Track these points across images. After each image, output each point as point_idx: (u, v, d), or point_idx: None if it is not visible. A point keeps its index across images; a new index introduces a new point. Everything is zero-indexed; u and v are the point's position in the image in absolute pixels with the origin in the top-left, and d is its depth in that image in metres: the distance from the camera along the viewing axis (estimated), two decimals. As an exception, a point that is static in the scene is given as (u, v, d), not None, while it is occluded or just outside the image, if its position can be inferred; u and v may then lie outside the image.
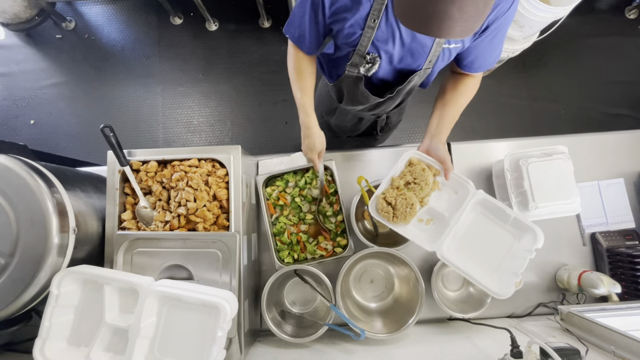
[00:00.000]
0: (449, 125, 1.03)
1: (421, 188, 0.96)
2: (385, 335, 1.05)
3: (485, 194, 0.97)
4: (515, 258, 0.94)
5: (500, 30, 0.90)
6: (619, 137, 1.31)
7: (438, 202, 1.00)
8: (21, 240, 0.83)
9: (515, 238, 0.95)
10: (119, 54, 2.62)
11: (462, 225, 0.97)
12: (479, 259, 0.96)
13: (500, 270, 0.95)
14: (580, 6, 1.82)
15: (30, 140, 2.51)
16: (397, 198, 0.96)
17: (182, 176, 1.03)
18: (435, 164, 0.99)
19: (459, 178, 0.99)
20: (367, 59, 0.92)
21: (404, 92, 1.06)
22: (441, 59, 0.95)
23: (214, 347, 0.81)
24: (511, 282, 0.91)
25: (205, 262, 0.97)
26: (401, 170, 1.00)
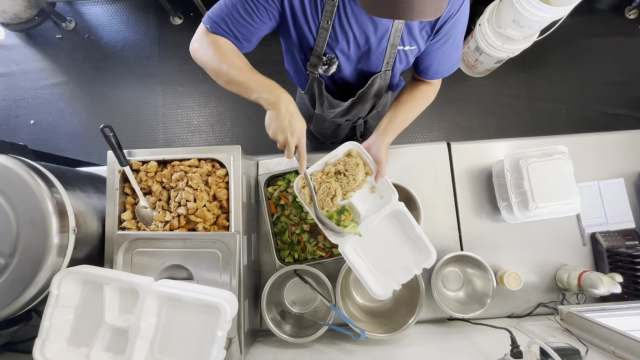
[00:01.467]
0: (398, 129, 1.03)
1: (348, 182, 0.96)
2: (385, 335, 1.05)
3: (404, 207, 0.98)
4: (405, 270, 0.97)
5: (452, 35, 0.90)
6: (619, 137, 1.31)
7: (361, 201, 1.00)
8: (21, 240, 0.83)
9: (412, 253, 0.98)
10: (119, 54, 2.62)
11: (373, 228, 0.99)
12: (375, 262, 0.99)
13: (387, 275, 0.97)
14: (580, 6, 1.82)
15: (30, 140, 2.51)
16: (322, 184, 0.96)
17: (182, 176, 1.03)
18: (372, 163, 0.99)
19: (388, 185, 0.99)
20: (324, 60, 0.93)
21: (369, 95, 1.06)
22: (399, 61, 0.96)
23: (214, 347, 0.81)
24: (391, 288, 0.96)
25: (205, 262, 0.97)
26: (338, 158, 1.00)
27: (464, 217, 1.26)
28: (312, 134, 1.45)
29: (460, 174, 1.28)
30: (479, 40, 2.14)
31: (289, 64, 1.07)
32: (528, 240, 1.24)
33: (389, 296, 0.96)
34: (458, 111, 2.46)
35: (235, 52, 0.87)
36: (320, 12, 0.84)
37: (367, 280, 0.96)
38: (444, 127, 2.44)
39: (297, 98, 1.37)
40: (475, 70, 2.43)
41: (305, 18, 0.85)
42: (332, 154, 0.99)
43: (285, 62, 1.07)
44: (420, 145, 1.31)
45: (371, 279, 0.97)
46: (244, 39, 0.88)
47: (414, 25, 0.87)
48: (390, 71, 0.99)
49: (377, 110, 1.26)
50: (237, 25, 0.85)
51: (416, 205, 1.14)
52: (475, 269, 1.18)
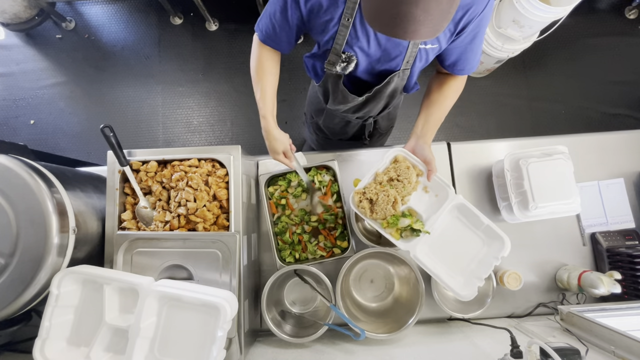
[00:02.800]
0: (435, 127, 1.04)
1: (404, 186, 0.97)
2: (385, 335, 1.05)
3: (463, 199, 0.99)
4: (482, 263, 0.97)
5: (478, 33, 0.90)
6: (619, 137, 1.31)
7: (418, 203, 1.01)
8: (21, 240, 0.83)
9: (485, 244, 0.99)
10: (119, 54, 2.62)
11: (438, 227, 0.99)
12: (449, 261, 0.99)
13: (466, 273, 0.98)
14: (580, 6, 1.82)
15: (30, 140, 2.51)
16: (379, 194, 0.96)
17: (182, 176, 1.03)
18: (420, 164, 1.00)
19: (440, 181, 1.00)
20: (343, 57, 0.93)
21: (384, 93, 1.06)
22: (419, 59, 0.96)
23: (214, 347, 0.81)
24: (475, 285, 0.95)
25: (205, 262, 0.97)
26: (386, 166, 1.01)
27: (464, 217, 1.26)
28: (321, 129, 1.45)
29: (460, 174, 1.28)
30: (479, 40, 2.14)
31: (308, 58, 1.09)
32: (528, 240, 1.24)
33: (475, 295, 0.95)
34: (458, 111, 2.45)
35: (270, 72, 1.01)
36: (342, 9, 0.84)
37: (449, 282, 0.95)
38: (444, 127, 2.44)
39: (310, 91, 1.37)
40: (476, 70, 2.43)
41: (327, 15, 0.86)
42: (379, 164, 1.00)
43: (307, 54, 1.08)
44: (420, 145, 1.31)
45: (451, 280, 0.96)
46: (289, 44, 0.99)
47: None
48: (409, 70, 0.99)
49: (388, 110, 1.26)
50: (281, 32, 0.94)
51: (416, 205, 1.14)
52: (475, 269, 1.18)
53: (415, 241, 0.97)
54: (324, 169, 1.22)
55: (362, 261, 1.20)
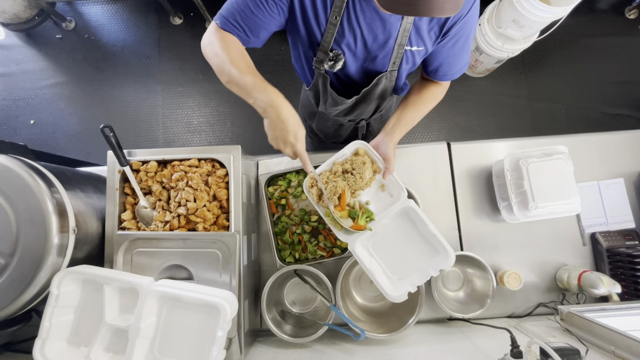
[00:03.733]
0: (405, 127, 1.03)
1: (355, 180, 0.97)
2: (385, 335, 1.05)
3: (415, 205, 0.98)
4: (421, 271, 0.96)
5: (462, 37, 0.90)
6: (619, 137, 1.31)
7: (371, 199, 1.01)
8: (21, 240, 0.83)
9: (428, 254, 0.97)
10: (119, 54, 2.62)
11: (384, 226, 0.99)
12: (389, 262, 0.99)
13: (403, 277, 0.97)
14: (580, 6, 1.82)
15: (30, 140, 2.51)
16: (329, 183, 0.96)
17: (182, 176, 1.03)
18: (380, 161, 0.99)
19: (397, 183, 0.99)
20: (330, 55, 0.93)
21: (373, 95, 1.06)
22: (405, 61, 0.96)
23: (214, 347, 0.81)
24: (406, 290, 0.95)
25: (205, 262, 0.97)
26: (346, 157, 1.00)
27: (464, 217, 1.26)
28: (314, 132, 1.45)
29: (460, 174, 1.28)
30: (479, 40, 2.14)
31: (296, 60, 1.08)
32: (528, 240, 1.24)
33: (404, 298, 0.94)
34: (458, 111, 2.46)
35: (240, 51, 0.86)
36: (330, 7, 0.84)
37: (380, 281, 0.95)
38: (444, 127, 2.44)
39: (302, 94, 1.37)
40: (475, 70, 2.43)
41: (314, 13, 0.86)
42: (340, 153, 1.00)
43: (292, 58, 1.07)
44: (420, 145, 1.31)
45: (384, 279, 0.96)
46: (253, 34, 0.87)
47: (422, 26, 0.87)
48: (396, 71, 0.99)
49: (380, 113, 1.26)
50: (246, 19, 0.85)
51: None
52: (475, 269, 1.18)
53: (355, 236, 0.97)
54: (324, 169, 1.22)
55: (362, 261, 1.20)
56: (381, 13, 0.83)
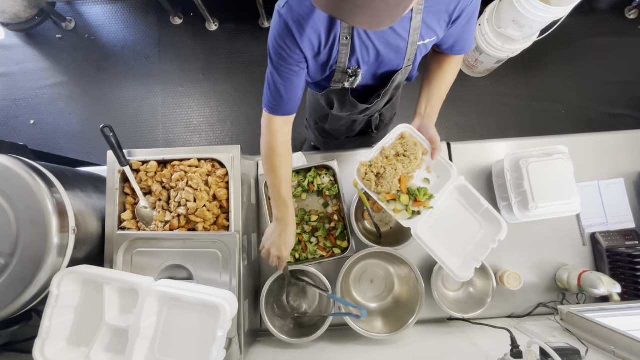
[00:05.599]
0: (438, 105, 1.04)
1: (410, 161, 0.97)
2: (385, 335, 1.05)
3: (465, 180, 0.99)
4: (479, 246, 0.98)
5: (472, 17, 0.92)
6: (619, 137, 1.31)
7: (421, 182, 1.02)
8: (21, 240, 0.83)
9: (482, 227, 0.99)
10: (119, 54, 2.62)
11: (438, 208, 0.99)
12: (447, 243, 0.99)
13: (463, 255, 0.98)
14: (580, 6, 1.82)
15: (30, 140, 2.50)
16: (387, 167, 0.96)
17: (182, 176, 1.03)
18: (425, 142, 1.00)
19: (444, 161, 1.00)
20: (349, 72, 0.93)
21: (390, 91, 1.06)
22: (419, 54, 0.96)
23: (214, 347, 0.81)
24: (471, 266, 0.96)
25: (205, 262, 0.97)
26: (392, 142, 1.00)
27: (464, 217, 1.26)
28: (326, 132, 1.45)
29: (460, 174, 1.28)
30: (479, 40, 2.14)
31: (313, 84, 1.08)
32: (528, 240, 1.24)
33: (472, 275, 0.95)
34: (458, 111, 2.45)
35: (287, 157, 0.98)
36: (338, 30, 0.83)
37: (447, 262, 0.96)
38: (444, 127, 2.44)
39: (311, 98, 1.36)
40: (475, 70, 2.43)
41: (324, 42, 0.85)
42: (386, 139, 0.99)
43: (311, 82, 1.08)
44: (420, 145, 1.31)
45: (450, 260, 0.97)
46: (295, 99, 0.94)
47: (431, 20, 0.87)
48: (411, 66, 0.99)
49: (391, 102, 1.26)
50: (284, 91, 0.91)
51: (416, 205, 1.14)
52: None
53: (416, 219, 0.97)
54: (324, 169, 1.22)
55: (362, 261, 1.20)
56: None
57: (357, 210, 1.18)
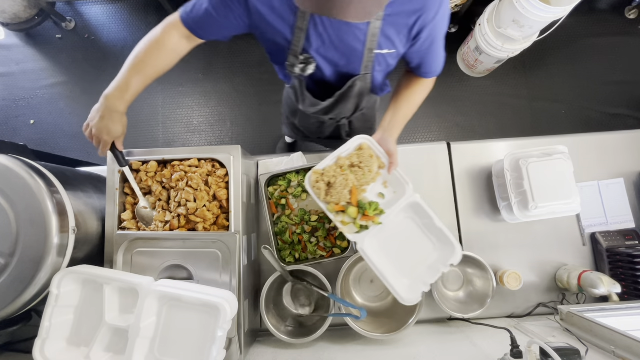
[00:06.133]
0: (402, 122, 1.04)
1: (364, 174, 0.95)
2: (385, 335, 1.05)
3: (420, 199, 0.96)
4: (431, 269, 0.94)
5: (435, 39, 0.92)
6: (619, 137, 1.31)
7: (375, 197, 0.99)
8: (21, 240, 0.83)
9: (436, 249, 0.95)
10: (119, 54, 2.62)
11: (390, 224, 0.96)
12: (397, 262, 0.96)
13: (413, 277, 0.94)
14: (580, 6, 1.82)
15: (30, 140, 2.51)
16: (338, 177, 0.93)
17: (182, 176, 1.03)
18: (383, 156, 0.98)
19: (401, 178, 0.98)
20: (300, 59, 0.93)
21: (349, 96, 1.06)
22: (377, 64, 0.97)
23: (214, 347, 0.81)
24: (420, 290, 0.92)
25: (205, 262, 0.97)
26: (350, 152, 0.98)
27: (464, 217, 1.26)
28: (298, 129, 1.47)
29: (460, 174, 1.28)
30: (479, 40, 2.14)
31: (273, 63, 1.09)
32: (528, 240, 1.24)
33: (419, 299, 0.92)
34: (458, 111, 2.45)
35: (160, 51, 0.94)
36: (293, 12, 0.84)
37: (393, 283, 0.92)
38: (444, 127, 2.44)
39: (284, 92, 1.38)
40: (475, 70, 2.43)
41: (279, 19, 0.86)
42: (343, 148, 0.98)
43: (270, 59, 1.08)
44: (420, 145, 1.32)
45: (396, 282, 0.93)
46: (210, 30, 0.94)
47: (389, 31, 0.87)
48: (369, 75, 0.99)
49: (361, 112, 1.27)
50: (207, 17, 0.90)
51: (416, 205, 1.14)
52: (475, 269, 1.18)
53: (364, 234, 0.94)
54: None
55: (362, 261, 1.19)
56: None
57: (357, 210, 1.18)
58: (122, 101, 0.92)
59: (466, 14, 2.37)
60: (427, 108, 2.43)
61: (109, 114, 0.90)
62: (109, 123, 0.90)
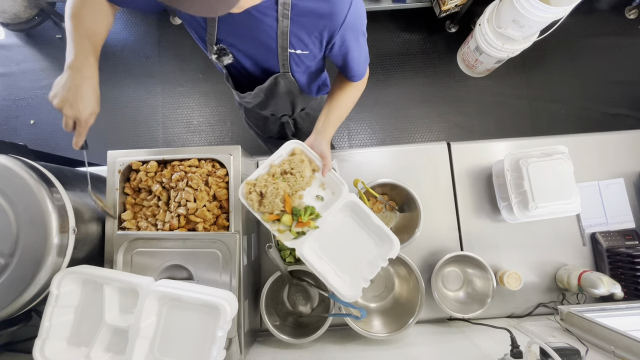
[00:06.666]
0: (335, 123, 1.02)
1: (296, 180, 0.92)
2: (385, 335, 1.05)
3: (357, 199, 0.95)
4: (371, 264, 0.94)
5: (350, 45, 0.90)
6: (619, 137, 1.31)
7: (313, 199, 0.97)
8: (21, 240, 0.83)
9: (376, 245, 0.95)
10: (119, 54, 2.62)
11: (331, 225, 0.95)
12: (340, 261, 0.95)
13: (354, 274, 0.94)
14: (580, 6, 1.82)
15: (30, 140, 2.50)
16: (269, 186, 0.91)
17: (182, 176, 1.03)
18: (317, 159, 0.96)
19: (337, 179, 0.96)
20: (214, 49, 0.93)
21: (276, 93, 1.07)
22: (295, 64, 0.96)
23: (214, 347, 0.81)
24: (360, 286, 0.92)
25: (205, 262, 0.97)
26: (283, 158, 0.96)
27: (464, 217, 1.26)
28: (249, 124, 1.49)
29: (460, 174, 1.28)
30: (479, 40, 2.14)
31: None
32: (528, 240, 1.24)
33: (360, 296, 0.93)
34: (458, 111, 2.46)
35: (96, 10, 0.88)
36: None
37: (334, 283, 0.92)
38: (444, 127, 2.44)
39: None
40: (475, 70, 2.43)
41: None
42: (275, 155, 0.96)
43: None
44: (420, 145, 1.32)
45: (337, 281, 0.93)
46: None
47: (299, 31, 0.86)
48: (289, 73, 0.99)
49: (305, 112, 1.27)
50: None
51: (416, 205, 1.14)
52: (475, 269, 1.18)
53: (302, 239, 0.93)
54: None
55: (362, 261, 1.20)
56: (253, 13, 0.82)
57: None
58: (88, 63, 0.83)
59: (466, 14, 2.37)
60: (427, 108, 2.44)
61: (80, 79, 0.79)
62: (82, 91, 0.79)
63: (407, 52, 2.54)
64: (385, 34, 2.57)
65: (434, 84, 2.47)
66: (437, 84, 2.47)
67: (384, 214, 1.26)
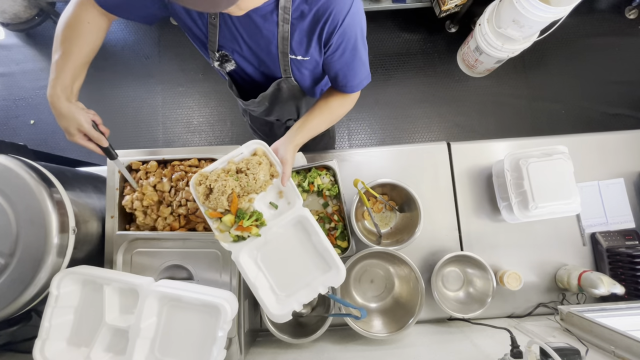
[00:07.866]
0: (308, 133, 0.97)
1: (248, 182, 0.86)
2: (385, 335, 1.05)
3: (309, 214, 0.89)
4: (309, 287, 0.87)
5: (347, 48, 0.88)
6: (619, 137, 1.31)
7: (266, 206, 0.92)
8: (21, 240, 0.83)
9: (320, 269, 0.89)
10: (119, 54, 2.62)
11: (278, 237, 0.90)
12: (277, 276, 0.90)
13: (288, 293, 0.88)
14: (580, 6, 1.82)
15: (30, 140, 2.50)
16: (218, 181, 0.85)
17: (182, 176, 1.03)
18: (278, 164, 0.90)
19: (293, 190, 0.91)
20: (216, 56, 0.93)
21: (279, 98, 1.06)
22: (296, 69, 0.95)
23: (215, 347, 0.81)
24: (291, 309, 0.86)
25: (205, 262, 0.97)
26: (244, 156, 0.90)
27: (464, 217, 1.26)
28: (253, 128, 1.47)
29: (460, 174, 1.28)
30: (479, 40, 2.14)
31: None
32: (528, 240, 1.24)
33: (288, 318, 0.86)
34: (458, 111, 2.46)
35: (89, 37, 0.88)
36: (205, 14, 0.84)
37: (264, 297, 0.87)
38: (444, 127, 2.44)
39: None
40: (475, 70, 2.43)
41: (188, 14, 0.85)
42: (236, 151, 0.90)
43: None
44: (420, 145, 1.32)
45: (269, 296, 0.88)
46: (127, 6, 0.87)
47: (299, 36, 0.86)
48: (292, 78, 0.97)
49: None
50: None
51: (416, 205, 1.14)
52: (475, 269, 1.18)
53: (241, 244, 0.88)
54: (324, 169, 1.22)
55: (362, 261, 1.20)
56: (254, 18, 0.82)
57: (357, 210, 1.18)
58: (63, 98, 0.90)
59: (466, 14, 2.38)
60: (427, 108, 2.44)
61: (59, 115, 0.89)
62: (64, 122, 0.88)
63: (407, 52, 2.54)
64: (385, 34, 2.57)
65: (433, 84, 2.47)
66: (437, 84, 2.47)
67: (384, 214, 1.26)
